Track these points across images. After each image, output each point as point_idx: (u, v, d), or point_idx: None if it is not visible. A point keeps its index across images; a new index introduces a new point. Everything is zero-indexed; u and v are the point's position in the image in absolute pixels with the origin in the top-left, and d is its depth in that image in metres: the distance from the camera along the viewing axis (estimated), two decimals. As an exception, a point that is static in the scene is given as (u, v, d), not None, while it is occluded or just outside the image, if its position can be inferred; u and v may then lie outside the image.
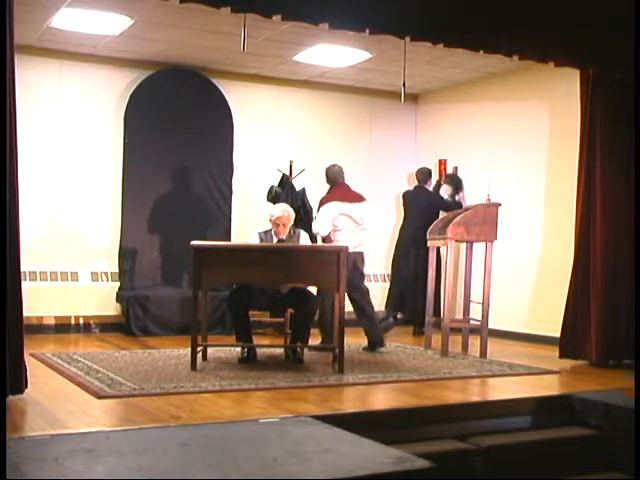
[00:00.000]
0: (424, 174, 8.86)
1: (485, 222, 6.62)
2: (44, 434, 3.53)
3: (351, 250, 6.17)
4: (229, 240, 8.35)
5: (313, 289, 6.36)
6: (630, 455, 4.11)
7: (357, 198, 6.88)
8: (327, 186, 8.94)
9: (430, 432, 4.28)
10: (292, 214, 6.23)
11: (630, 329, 5.87)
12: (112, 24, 7.01)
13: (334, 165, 7.14)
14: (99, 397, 4.55)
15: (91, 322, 7.94)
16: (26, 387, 4.38)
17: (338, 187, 6.94)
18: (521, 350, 7.21)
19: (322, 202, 6.90)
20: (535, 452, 4.41)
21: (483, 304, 6.62)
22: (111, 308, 8.03)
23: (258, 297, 5.99)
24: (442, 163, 9.17)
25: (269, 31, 6.96)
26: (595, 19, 5.80)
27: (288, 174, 8.55)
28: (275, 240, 6.14)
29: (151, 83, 8.25)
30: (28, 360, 4.60)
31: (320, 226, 6.77)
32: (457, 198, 8.86)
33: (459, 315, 7.00)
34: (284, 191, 8.26)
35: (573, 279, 6.39)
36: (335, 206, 6.72)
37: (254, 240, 6.17)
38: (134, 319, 7.77)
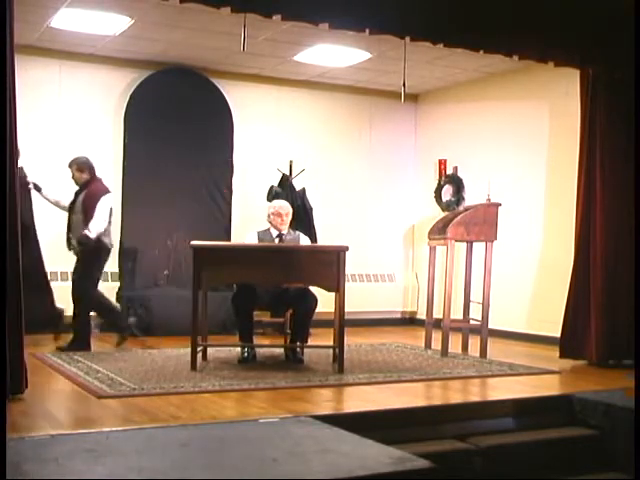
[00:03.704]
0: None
1: (485, 222, 6.62)
2: (44, 434, 3.53)
3: (110, 246, 6.51)
4: (229, 240, 8.35)
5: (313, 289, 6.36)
6: (630, 455, 4.11)
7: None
8: (328, 186, 9.07)
9: (430, 432, 4.28)
10: (291, 210, 6.33)
11: (630, 329, 5.86)
12: (112, 24, 7.01)
13: (84, 155, 6.74)
14: (99, 397, 4.55)
15: (91, 322, 7.92)
16: (26, 387, 4.38)
17: (98, 179, 6.65)
18: (521, 350, 7.21)
19: (97, 195, 6.49)
20: (535, 452, 4.41)
21: (483, 304, 6.62)
22: (111, 308, 8.02)
23: (262, 296, 5.99)
24: (442, 163, 9.17)
25: (269, 31, 6.96)
26: (595, 19, 5.80)
27: (288, 174, 8.56)
28: (275, 234, 6.16)
29: (151, 83, 8.25)
30: (28, 360, 4.60)
31: (100, 223, 6.39)
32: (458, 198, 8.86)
33: (459, 315, 6.99)
34: (284, 191, 8.28)
35: (573, 279, 6.39)
36: (111, 198, 6.56)
37: (251, 239, 6.18)
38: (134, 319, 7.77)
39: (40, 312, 6.56)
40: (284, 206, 6.30)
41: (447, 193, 9.06)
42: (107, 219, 6.51)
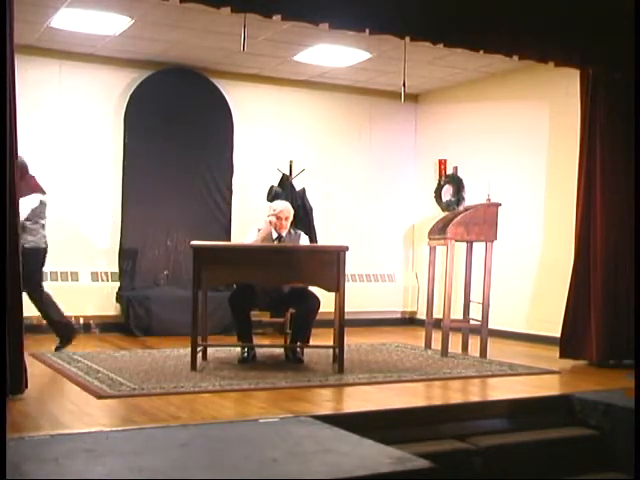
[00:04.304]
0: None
1: (485, 222, 6.62)
2: (44, 434, 3.53)
3: (42, 245, 6.28)
4: (229, 240, 8.35)
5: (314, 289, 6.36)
6: (630, 455, 4.11)
7: (44, 190, 6.50)
8: (328, 186, 9.07)
9: (430, 432, 4.27)
10: (292, 211, 6.28)
11: (630, 329, 5.87)
12: (112, 24, 7.01)
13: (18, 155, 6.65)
14: (99, 397, 4.55)
15: (91, 322, 7.94)
16: (26, 387, 4.38)
17: (32, 177, 6.42)
18: (521, 350, 7.21)
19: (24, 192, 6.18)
20: (535, 452, 4.40)
21: (483, 304, 6.62)
22: (111, 308, 8.02)
23: (261, 297, 5.98)
24: (442, 163, 9.17)
25: (269, 31, 6.96)
26: (595, 19, 5.80)
27: (288, 174, 8.57)
28: (275, 236, 6.14)
29: (151, 83, 8.25)
30: (28, 360, 4.60)
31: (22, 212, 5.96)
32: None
33: (459, 315, 6.99)
34: (284, 191, 8.28)
35: (573, 279, 6.39)
36: (38, 197, 6.33)
37: (252, 236, 6.16)
38: (134, 319, 7.77)
39: None
40: (285, 210, 6.17)
41: (447, 193, 9.06)
42: (26, 215, 6.17)
